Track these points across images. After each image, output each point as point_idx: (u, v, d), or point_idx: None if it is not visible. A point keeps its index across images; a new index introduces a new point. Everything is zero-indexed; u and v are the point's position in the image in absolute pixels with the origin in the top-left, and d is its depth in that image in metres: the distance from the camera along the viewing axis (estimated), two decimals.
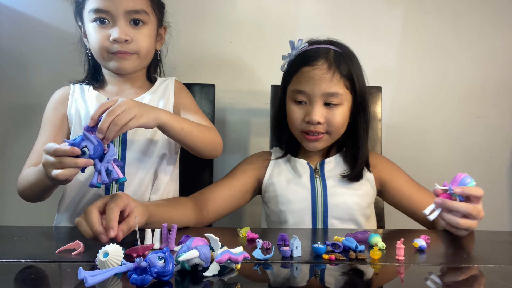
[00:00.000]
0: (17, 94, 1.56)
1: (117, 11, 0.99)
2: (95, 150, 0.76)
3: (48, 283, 0.61)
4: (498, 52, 1.63)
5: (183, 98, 1.13)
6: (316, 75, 1.00)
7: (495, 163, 1.64)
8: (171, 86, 1.14)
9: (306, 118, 1.02)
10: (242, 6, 1.59)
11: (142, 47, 1.03)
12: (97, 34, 1.01)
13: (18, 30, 1.55)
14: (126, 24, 1.01)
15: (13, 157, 1.56)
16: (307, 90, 1.01)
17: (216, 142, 1.04)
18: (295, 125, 1.05)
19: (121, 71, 1.06)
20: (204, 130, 1.01)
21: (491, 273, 0.67)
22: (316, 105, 1.01)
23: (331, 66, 1.01)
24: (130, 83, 1.11)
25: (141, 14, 1.02)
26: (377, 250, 0.73)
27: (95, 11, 1.00)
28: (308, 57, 1.03)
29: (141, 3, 1.01)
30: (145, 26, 1.04)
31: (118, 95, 1.08)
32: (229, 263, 0.65)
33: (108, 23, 1.01)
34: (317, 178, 1.08)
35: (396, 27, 1.61)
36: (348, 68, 1.03)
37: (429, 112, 1.63)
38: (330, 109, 1.02)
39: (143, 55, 1.05)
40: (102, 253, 0.61)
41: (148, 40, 1.04)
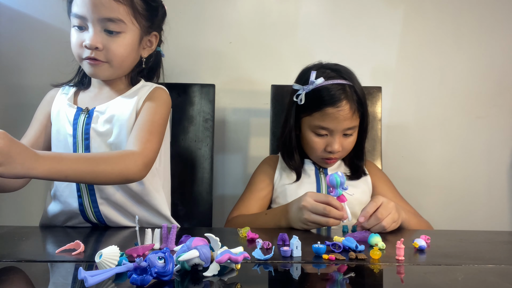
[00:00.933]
0: (17, 94, 1.56)
1: (92, 18, 0.99)
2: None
3: (48, 283, 0.61)
4: (498, 52, 1.63)
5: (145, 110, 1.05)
6: (341, 116, 1.10)
7: (495, 163, 1.64)
8: (147, 92, 1.08)
9: (328, 148, 1.13)
10: (242, 6, 1.59)
11: (114, 56, 1.01)
12: (73, 38, 1.03)
13: (18, 30, 1.55)
14: (100, 31, 1.00)
15: None
16: (331, 127, 1.12)
17: (126, 170, 0.92)
18: (315, 153, 1.17)
19: (94, 77, 1.07)
20: (109, 164, 0.89)
21: (491, 273, 0.67)
22: (338, 137, 1.13)
23: (352, 106, 1.11)
24: (109, 87, 1.10)
25: (116, 23, 1.00)
26: (377, 250, 0.73)
27: (75, 16, 1.01)
28: (332, 98, 1.10)
29: (117, 12, 0.99)
30: (121, 35, 1.01)
31: (94, 98, 1.09)
32: (229, 263, 0.64)
33: (85, 29, 1.01)
34: (321, 174, 1.19)
35: (396, 27, 1.61)
36: (361, 102, 1.14)
37: (429, 112, 1.63)
38: (346, 138, 1.15)
39: (116, 64, 1.03)
40: (98, 254, 0.62)
41: (123, 49, 1.02)
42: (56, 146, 1.08)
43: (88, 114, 1.05)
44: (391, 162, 1.53)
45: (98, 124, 1.04)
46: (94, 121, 1.04)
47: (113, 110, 1.05)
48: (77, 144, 1.04)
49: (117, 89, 1.11)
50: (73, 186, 1.03)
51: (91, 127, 1.03)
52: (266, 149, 1.45)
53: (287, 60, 1.59)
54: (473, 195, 1.64)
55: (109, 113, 1.04)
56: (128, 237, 0.91)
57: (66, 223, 1.08)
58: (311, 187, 1.17)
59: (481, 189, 1.64)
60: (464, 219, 1.63)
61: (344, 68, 1.16)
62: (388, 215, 0.93)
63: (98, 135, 1.04)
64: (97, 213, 1.04)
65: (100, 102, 1.07)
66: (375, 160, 1.40)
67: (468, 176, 1.64)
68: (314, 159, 1.20)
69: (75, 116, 1.05)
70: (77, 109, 1.06)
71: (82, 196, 1.03)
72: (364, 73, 1.60)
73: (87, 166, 0.86)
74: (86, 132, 1.04)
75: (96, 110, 1.05)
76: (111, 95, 1.09)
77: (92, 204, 1.03)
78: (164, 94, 1.11)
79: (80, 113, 1.06)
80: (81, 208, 1.03)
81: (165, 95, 1.12)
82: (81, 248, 0.74)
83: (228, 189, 1.60)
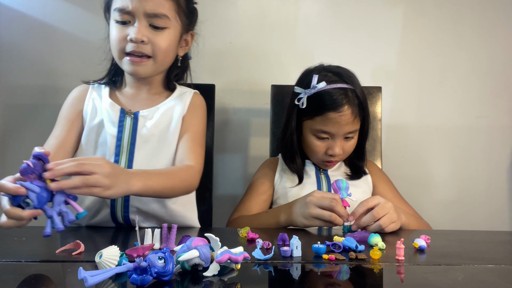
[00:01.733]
0: (17, 94, 1.56)
1: (138, 12, 0.98)
2: (39, 199, 0.68)
3: (48, 283, 0.61)
4: (498, 52, 1.63)
5: (192, 119, 1.10)
6: (342, 121, 1.10)
7: (495, 163, 1.64)
8: (188, 99, 1.12)
9: (329, 151, 1.13)
10: (242, 6, 1.59)
11: (159, 50, 1.02)
12: (116, 33, 1.01)
13: (18, 30, 1.55)
14: (145, 26, 1.00)
15: (13, 157, 1.56)
16: (333, 131, 1.12)
17: (190, 184, 1.01)
18: (316, 156, 1.17)
19: (135, 75, 1.05)
20: (178, 179, 0.97)
21: (491, 273, 0.67)
22: (339, 141, 1.13)
23: (354, 111, 1.11)
24: (147, 88, 1.10)
25: (162, 19, 1.00)
26: (377, 250, 0.73)
27: (119, 11, 1.00)
28: (334, 103, 1.10)
29: (163, 7, 1.00)
30: (165, 30, 1.02)
31: (134, 98, 1.08)
32: (229, 263, 0.65)
33: (129, 23, 1.00)
34: (322, 175, 1.19)
35: (396, 27, 1.61)
36: (362, 106, 1.13)
37: (429, 112, 1.63)
38: (347, 141, 1.15)
39: (159, 59, 1.03)
40: (98, 254, 0.62)
41: (167, 44, 1.03)
42: (90, 146, 1.04)
43: (134, 117, 1.05)
44: (391, 162, 1.53)
45: (143, 129, 1.03)
46: (140, 126, 1.04)
47: (159, 117, 1.05)
48: (121, 147, 1.02)
49: (155, 91, 1.11)
50: None
51: (137, 134, 1.03)
52: (266, 149, 1.45)
53: (287, 60, 1.59)
54: (473, 195, 1.64)
55: (155, 119, 1.05)
56: (128, 237, 0.91)
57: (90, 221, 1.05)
58: (311, 187, 1.16)
59: (481, 189, 1.64)
60: (464, 219, 1.63)
61: (345, 71, 1.15)
62: (385, 215, 0.93)
63: (143, 141, 1.03)
64: (126, 217, 1.03)
65: (141, 104, 1.07)
66: (375, 160, 1.40)
67: (468, 176, 1.64)
68: (315, 161, 1.20)
69: (120, 117, 1.04)
70: (120, 110, 1.05)
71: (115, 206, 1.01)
72: (364, 73, 1.60)
73: (167, 182, 0.93)
74: (133, 137, 1.03)
75: (141, 115, 1.05)
76: (150, 98, 1.09)
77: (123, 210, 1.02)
78: (203, 101, 1.16)
79: (125, 115, 1.05)
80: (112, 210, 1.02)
81: (204, 102, 1.16)
82: (81, 248, 0.74)
83: (228, 189, 1.60)
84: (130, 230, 0.97)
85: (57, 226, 0.69)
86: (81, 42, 1.55)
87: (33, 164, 0.70)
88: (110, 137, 1.02)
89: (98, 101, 1.08)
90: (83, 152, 1.05)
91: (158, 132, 1.05)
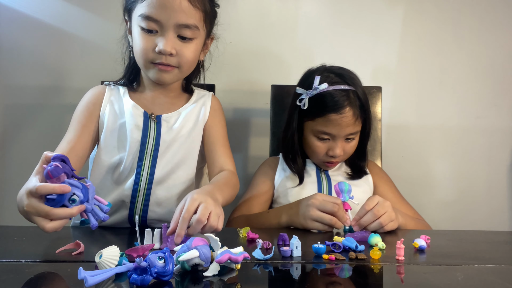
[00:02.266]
0: (17, 94, 1.56)
1: (168, 23, 0.95)
2: (84, 193, 0.71)
3: (48, 283, 0.61)
4: (498, 52, 1.63)
5: (216, 125, 1.12)
6: (343, 122, 1.10)
7: (495, 163, 1.64)
8: (208, 103, 1.12)
9: (330, 152, 1.14)
10: (242, 6, 1.59)
11: (186, 62, 1.01)
12: (142, 41, 0.98)
13: (18, 30, 1.55)
14: (174, 37, 0.97)
15: (13, 157, 1.56)
16: (334, 133, 1.12)
17: (237, 188, 1.04)
18: (317, 157, 1.17)
19: (160, 82, 1.05)
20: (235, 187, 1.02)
21: (491, 273, 0.67)
22: (340, 142, 1.13)
23: (355, 113, 1.11)
24: (166, 92, 1.10)
25: (192, 30, 0.98)
26: (377, 250, 0.73)
27: (145, 18, 0.95)
28: (335, 105, 1.10)
29: (194, 18, 0.97)
30: (193, 41, 1.00)
31: (152, 102, 1.08)
32: (229, 263, 0.65)
33: (156, 33, 0.97)
34: (322, 174, 1.19)
35: (396, 27, 1.62)
36: (364, 108, 1.13)
37: (429, 112, 1.63)
38: (348, 142, 1.15)
39: (185, 69, 1.03)
40: (98, 254, 0.62)
41: (193, 55, 1.02)
42: (110, 148, 1.03)
43: (156, 121, 1.04)
44: (391, 162, 1.54)
45: (166, 134, 1.03)
46: (163, 131, 1.03)
47: (181, 121, 1.06)
48: (145, 152, 1.01)
49: (174, 94, 1.11)
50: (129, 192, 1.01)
51: (161, 139, 1.02)
52: (266, 149, 1.45)
53: (287, 60, 1.59)
54: (473, 195, 1.64)
55: (178, 123, 1.05)
56: (128, 237, 0.91)
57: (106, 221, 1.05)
58: (312, 186, 1.17)
59: (481, 189, 1.64)
60: (464, 219, 1.63)
61: (348, 73, 1.15)
62: (385, 213, 0.93)
63: (166, 146, 1.03)
64: (143, 220, 1.03)
65: (161, 108, 1.07)
66: (375, 160, 1.40)
67: (468, 176, 1.64)
68: (316, 161, 1.20)
69: (144, 121, 1.03)
70: (144, 113, 1.04)
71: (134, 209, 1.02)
72: (364, 73, 1.59)
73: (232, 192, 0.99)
74: (157, 142, 1.02)
75: (163, 119, 1.05)
76: (169, 101, 1.09)
77: (142, 214, 1.02)
78: (220, 105, 1.18)
79: (149, 119, 1.04)
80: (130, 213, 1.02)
81: (221, 105, 1.18)
82: (81, 248, 0.74)
83: None
84: (130, 230, 0.97)
85: (100, 216, 0.73)
86: (81, 42, 1.55)
87: (61, 165, 0.71)
88: (134, 141, 1.01)
89: (117, 103, 1.06)
90: (102, 154, 1.03)
91: (181, 138, 1.05)
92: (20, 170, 1.57)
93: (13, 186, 1.57)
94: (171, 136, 1.04)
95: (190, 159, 1.06)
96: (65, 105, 1.55)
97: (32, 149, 1.55)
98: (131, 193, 1.01)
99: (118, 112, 1.05)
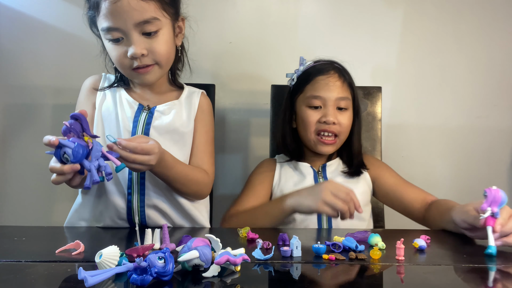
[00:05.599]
0: (17, 94, 1.56)
1: (127, 26, 0.94)
2: (75, 154, 0.72)
3: (48, 283, 0.61)
4: (498, 52, 1.63)
5: (202, 122, 1.12)
6: (330, 82, 1.14)
7: (495, 163, 1.64)
8: (196, 101, 1.12)
9: (323, 119, 1.13)
10: (242, 6, 1.59)
11: (161, 56, 1.00)
12: (113, 52, 0.99)
13: (18, 30, 1.55)
14: (139, 37, 0.96)
15: (13, 157, 1.56)
16: (323, 95, 1.13)
17: (202, 183, 1.04)
18: (311, 127, 1.15)
19: (146, 83, 1.06)
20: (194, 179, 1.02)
21: (491, 273, 0.67)
22: (331, 108, 1.14)
23: (341, 76, 1.16)
24: (154, 88, 1.11)
25: (152, 23, 0.96)
26: (377, 250, 0.73)
27: (106, 30, 0.96)
28: (321, 69, 1.17)
29: (148, 11, 0.95)
30: (159, 33, 0.99)
31: (143, 97, 1.09)
32: (228, 265, 0.64)
33: (123, 40, 0.97)
34: (320, 179, 1.17)
35: (396, 27, 1.62)
36: (350, 79, 1.18)
37: (429, 112, 1.63)
38: (341, 113, 1.15)
39: (164, 62, 1.03)
40: (98, 254, 0.62)
41: (166, 46, 1.01)
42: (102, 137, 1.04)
43: (150, 112, 1.05)
44: (391, 162, 1.53)
45: (157, 121, 1.04)
46: (154, 121, 1.04)
47: (173, 115, 1.06)
48: None
49: (159, 91, 1.11)
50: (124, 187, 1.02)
51: (151, 127, 1.03)
52: (266, 149, 1.45)
53: (287, 60, 1.59)
54: (473, 195, 1.64)
55: (171, 116, 1.06)
56: (128, 237, 0.91)
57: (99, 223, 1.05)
58: None
59: (481, 189, 1.63)
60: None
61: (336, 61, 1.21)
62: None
63: (157, 133, 1.03)
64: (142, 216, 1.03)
65: (153, 99, 1.08)
66: None
67: (468, 176, 1.64)
68: (310, 138, 1.16)
69: (136, 113, 1.05)
70: (138, 106, 1.05)
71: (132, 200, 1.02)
72: (364, 73, 1.60)
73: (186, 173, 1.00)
74: (146, 129, 1.03)
75: (157, 110, 1.06)
76: (159, 97, 1.10)
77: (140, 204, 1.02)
78: (210, 104, 1.18)
79: (142, 111, 1.05)
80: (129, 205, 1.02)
81: (211, 105, 1.18)
82: (81, 248, 0.74)
83: (228, 189, 1.60)
84: (130, 230, 0.97)
85: (94, 178, 0.73)
86: (82, 42, 1.55)
87: (70, 123, 0.74)
88: (126, 132, 1.03)
89: (111, 93, 1.08)
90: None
91: (173, 130, 1.05)
92: (20, 170, 1.57)
93: (13, 186, 1.58)
94: (163, 125, 1.04)
95: (184, 151, 1.07)
96: (65, 105, 1.55)
97: (32, 149, 1.55)
98: (127, 183, 1.02)
99: (113, 105, 1.06)
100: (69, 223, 1.08)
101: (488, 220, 0.79)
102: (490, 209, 0.79)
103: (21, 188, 1.57)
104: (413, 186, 1.19)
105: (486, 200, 0.81)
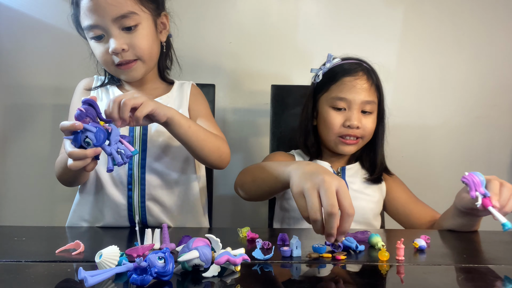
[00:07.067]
0: (17, 94, 1.56)
1: (105, 22, 0.96)
2: (98, 137, 0.74)
3: (48, 283, 0.61)
4: (498, 52, 1.63)
5: (197, 105, 1.13)
6: (358, 84, 1.09)
7: (495, 163, 1.64)
8: (187, 91, 1.13)
9: (347, 122, 1.09)
10: (242, 6, 1.59)
11: (142, 50, 1.01)
12: (97, 50, 1.01)
13: (18, 30, 1.55)
14: (119, 32, 0.97)
15: (13, 157, 1.56)
16: (349, 98, 1.09)
17: (223, 151, 1.03)
18: (333, 130, 1.11)
19: (131, 80, 1.06)
20: (212, 136, 1.00)
21: (491, 273, 0.67)
22: (356, 111, 1.09)
23: (369, 78, 1.11)
24: (144, 85, 1.11)
25: (130, 17, 0.97)
26: (385, 251, 0.72)
27: (88, 28, 0.98)
28: (349, 69, 1.12)
29: (126, 5, 0.96)
30: (139, 27, 0.99)
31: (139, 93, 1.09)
32: (228, 265, 0.64)
33: (104, 37, 0.99)
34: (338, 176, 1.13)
35: (396, 27, 1.61)
36: (378, 81, 1.15)
37: (429, 112, 1.63)
38: (365, 116, 1.11)
39: (146, 58, 1.03)
40: (98, 254, 0.62)
41: (146, 41, 1.01)
42: None
43: None
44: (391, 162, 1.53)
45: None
46: None
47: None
48: (134, 138, 1.04)
49: (149, 86, 1.12)
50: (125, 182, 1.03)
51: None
52: (266, 149, 1.45)
53: (287, 60, 1.59)
54: None
55: None
56: (128, 237, 0.91)
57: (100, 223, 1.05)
58: None
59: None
60: None
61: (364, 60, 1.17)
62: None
63: (156, 131, 1.04)
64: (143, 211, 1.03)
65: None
66: None
67: None
68: (332, 139, 1.12)
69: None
70: None
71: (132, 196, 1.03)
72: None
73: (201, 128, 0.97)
74: (144, 127, 1.04)
75: None
76: (150, 93, 1.09)
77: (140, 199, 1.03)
78: (201, 92, 1.18)
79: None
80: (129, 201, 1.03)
81: (202, 92, 1.19)
82: (81, 248, 0.74)
83: (228, 189, 1.60)
84: (130, 230, 0.97)
85: (118, 161, 0.75)
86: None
87: (85, 109, 0.74)
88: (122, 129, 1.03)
89: (105, 95, 1.10)
90: None
91: None
92: (20, 170, 1.57)
93: (13, 186, 1.58)
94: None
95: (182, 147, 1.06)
96: (65, 105, 1.53)
97: (32, 149, 1.55)
98: (127, 179, 1.02)
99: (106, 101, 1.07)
100: (70, 223, 1.08)
101: (485, 202, 0.81)
102: (479, 193, 0.82)
103: (21, 188, 1.57)
104: (423, 204, 1.17)
105: (470, 188, 0.84)
